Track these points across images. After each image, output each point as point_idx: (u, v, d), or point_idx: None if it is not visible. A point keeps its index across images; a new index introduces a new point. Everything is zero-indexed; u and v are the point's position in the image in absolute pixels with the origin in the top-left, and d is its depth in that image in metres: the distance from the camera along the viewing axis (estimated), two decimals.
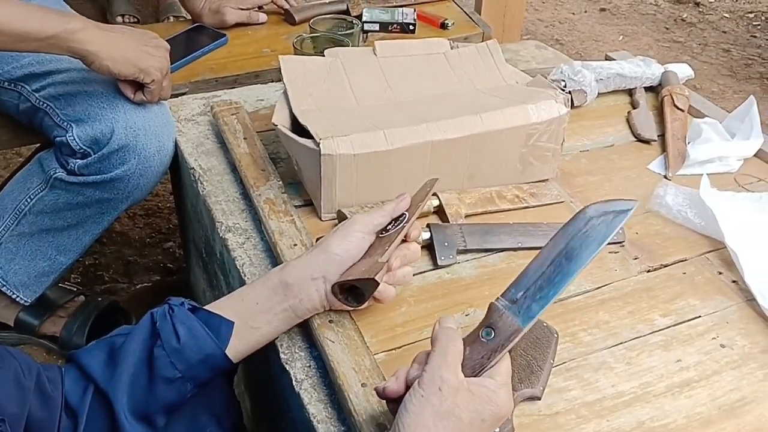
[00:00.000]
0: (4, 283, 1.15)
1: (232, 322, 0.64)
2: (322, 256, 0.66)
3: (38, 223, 1.09)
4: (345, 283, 0.65)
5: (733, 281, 0.81)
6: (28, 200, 1.07)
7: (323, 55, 0.98)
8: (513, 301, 0.56)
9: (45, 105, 1.01)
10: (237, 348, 0.65)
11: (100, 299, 1.31)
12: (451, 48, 1.05)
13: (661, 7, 2.87)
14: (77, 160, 1.01)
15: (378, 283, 0.65)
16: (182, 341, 0.62)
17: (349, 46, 1.09)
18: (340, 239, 0.67)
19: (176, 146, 1.04)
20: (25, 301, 1.18)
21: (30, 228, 1.10)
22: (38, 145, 1.28)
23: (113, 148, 0.98)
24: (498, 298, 0.57)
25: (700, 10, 2.88)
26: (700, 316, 0.76)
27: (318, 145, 0.80)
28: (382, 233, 0.71)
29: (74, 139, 0.99)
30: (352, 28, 1.20)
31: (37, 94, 1.02)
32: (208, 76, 1.26)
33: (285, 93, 0.92)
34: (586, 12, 2.79)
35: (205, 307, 0.66)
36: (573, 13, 2.77)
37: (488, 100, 0.94)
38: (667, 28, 2.69)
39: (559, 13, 2.77)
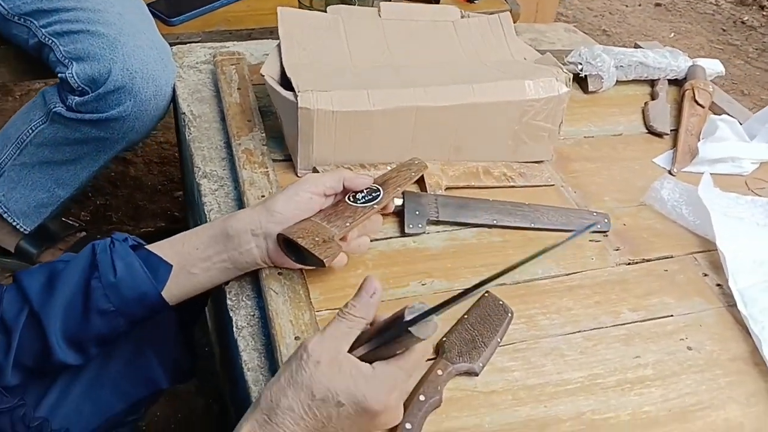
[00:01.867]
0: (6, 210, 1.18)
1: (171, 265, 0.64)
2: (264, 212, 0.65)
3: (38, 154, 1.12)
4: (290, 240, 0.64)
5: (718, 285, 0.76)
6: (30, 131, 1.10)
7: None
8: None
9: (50, 41, 1.02)
10: (173, 291, 0.64)
11: (99, 237, 1.33)
12: (462, 17, 1.02)
13: (721, 7, 2.73)
14: (75, 97, 1.02)
15: (324, 265, 0.63)
16: (118, 276, 0.62)
17: (355, 5, 1.06)
18: (286, 198, 0.65)
19: (174, 92, 1.03)
20: (25, 230, 1.21)
21: (31, 159, 1.12)
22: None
23: (109, 88, 0.99)
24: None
25: (765, 13, 2.73)
26: (672, 315, 0.71)
27: (296, 97, 0.78)
28: (351, 200, 0.68)
29: (73, 76, 1.00)
30: None
31: (43, 30, 1.03)
32: (222, 28, 1.25)
33: (279, 45, 0.90)
34: (640, 5, 2.68)
35: (147, 246, 0.65)
36: (626, 5, 2.66)
37: (487, 72, 0.91)
38: (724, 30, 2.57)
39: (612, 4, 2.67)
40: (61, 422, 0.68)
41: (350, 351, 0.51)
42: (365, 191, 0.68)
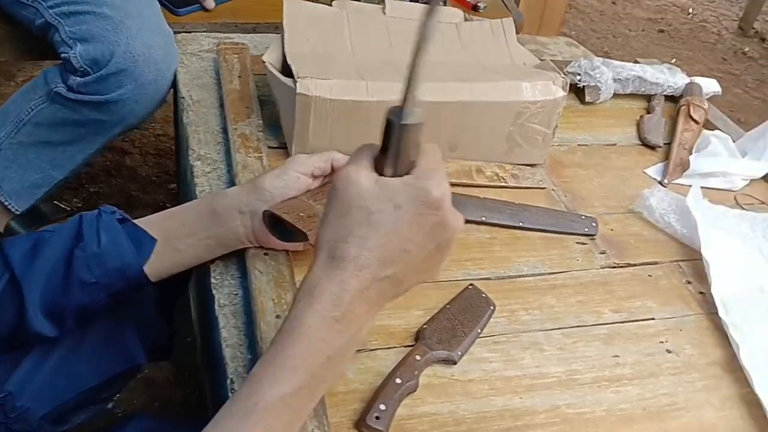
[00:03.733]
0: None
1: (155, 239, 0.64)
2: (252, 190, 0.65)
3: (36, 134, 1.12)
4: (275, 216, 0.64)
5: (701, 293, 0.77)
6: (29, 110, 1.10)
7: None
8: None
9: (56, 21, 1.03)
10: (156, 266, 0.64)
11: None
12: (465, 20, 1.03)
13: (723, 37, 2.77)
14: (77, 78, 1.03)
15: (307, 239, 0.63)
16: (102, 246, 0.62)
17: (361, 0, 1.08)
18: (274, 177, 0.65)
19: (175, 77, 1.04)
20: (17, 210, 1.20)
21: (28, 138, 1.12)
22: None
23: (111, 70, 0.99)
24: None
25: (766, 46, 2.76)
26: (653, 318, 0.72)
27: (295, 83, 0.79)
28: None
29: (76, 56, 1.00)
30: None
31: (50, 10, 1.04)
32: (228, 20, 1.27)
33: (282, 35, 0.91)
34: (643, 30, 2.71)
35: (134, 220, 0.66)
36: (629, 30, 2.69)
37: (487, 73, 0.92)
38: (725, 59, 2.59)
39: (615, 27, 2.70)
40: (32, 394, 0.67)
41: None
42: None
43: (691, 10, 2.99)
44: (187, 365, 1.19)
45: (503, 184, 0.88)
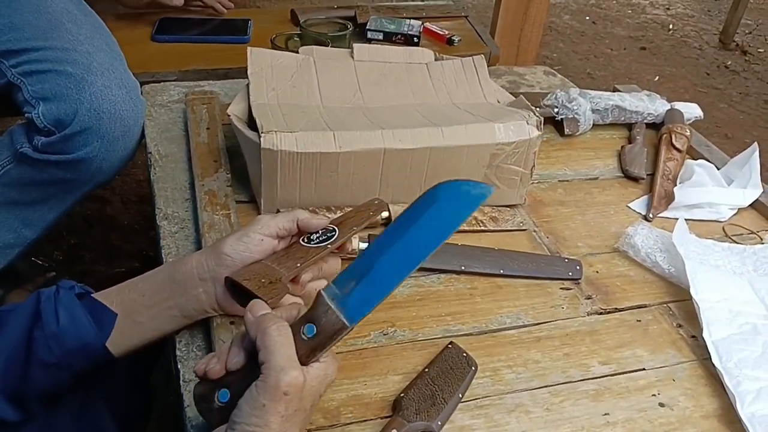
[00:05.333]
0: None
1: (115, 314, 0.60)
2: (213, 255, 0.62)
3: (5, 194, 1.09)
4: (237, 283, 0.61)
5: (692, 337, 0.73)
6: None
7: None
8: (343, 290, 0.49)
9: (19, 80, 1.01)
10: (118, 341, 0.61)
11: (67, 277, 1.29)
12: (436, 59, 1.01)
13: (705, 51, 2.77)
14: (42, 137, 1.00)
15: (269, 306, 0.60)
16: (61, 326, 0.59)
17: (329, 46, 1.06)
18: (235, 240, 0.62)
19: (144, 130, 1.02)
20: None
21: None
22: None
23: (76, 129, 0.97)
24: (329, 285, 0.50)
25: (747, 59, 2.76)
26: (644, 369, 0.68)
27: (260, 138, 0.76)
28: (305, 241, 0.66)
29: (39, 116, 0.98)
30: (345, 29, 1.17)
31: (13, 70, 1.01)
32: (199, 67, 1.25)
33: (248, 85, 0.89)
34: (625, 49, 2.71)
35: (93, 294, 0.62)
36: (611, 49, 2.70)
37: (459, 115, 0.89)
38: (708, 74, 2.59)
39: (597, 47, 2.70)
40: None
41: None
42: (320, 232, 0.65)
43: (671, 26, 3.00)
44: (173, 424, 1.15)
45: (482, 228, 0.85)
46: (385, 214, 0.83)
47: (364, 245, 0.77)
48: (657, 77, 2.51)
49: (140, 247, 1.56)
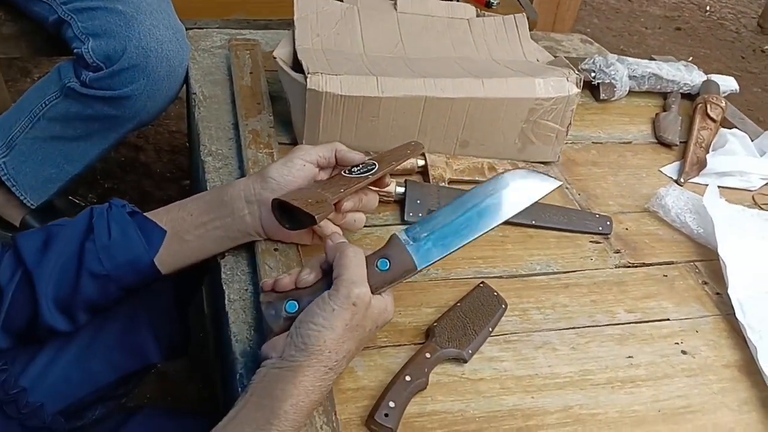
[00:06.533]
0: (14, 184, 1.18)
1: (164, 231, 0.63)
2: (259, 180, 0.65)
3: (50, 129, 1.12)
4: (284, 203, 0.63)
5: (717, 293, 0.75)
6: (43, 105, 1.10)
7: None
8: (415, 239, 0.56)
9: (69, 17, 1.03)
10: (166, 258, 0.64)
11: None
12: (477, 16, 1.02)
13: (741, 35, 2.73)
14: (90, 73, 1.03)
15: (315, 222, 0.62)
16: (112, 239, 0.62)
17: None
18: (280, 165, 0.65)
19: (187, 73, 1.04)
20: (32, 204, 1.21)
21: (42, 133, 1.13)
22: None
23: (123, 66, 1.00)
24: (402, 231, 0.56)
25: None
26: (668, 319, 0.71)
27: (306, 79, 0.78)
28: (347, 172, 0.68)
29: (89, 52, 1.00)
30: None
31: (63, 6, 1.04)
32: (240, 17, 1.26)
33: (293, 30, 0.91)
34: (659, 28, 2.68)
35: (144, 213, 0.65)
36: (646, 28, 2.66)
37: (499, 69, 0.91)
38: (743, 57, 2.56)
39: (632, 25, 2.67)
40: (46, 390, 0.67)
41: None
42: (360, 165, 0.68)
43: (708, 8, 2.95)
44: (201, 361, 1.19)
45: None
46: (421, 162, 0.85)
47: (401, 189, 0.79)
48: (690, 57, 2.48)
49: (171, 194, 1.60)
